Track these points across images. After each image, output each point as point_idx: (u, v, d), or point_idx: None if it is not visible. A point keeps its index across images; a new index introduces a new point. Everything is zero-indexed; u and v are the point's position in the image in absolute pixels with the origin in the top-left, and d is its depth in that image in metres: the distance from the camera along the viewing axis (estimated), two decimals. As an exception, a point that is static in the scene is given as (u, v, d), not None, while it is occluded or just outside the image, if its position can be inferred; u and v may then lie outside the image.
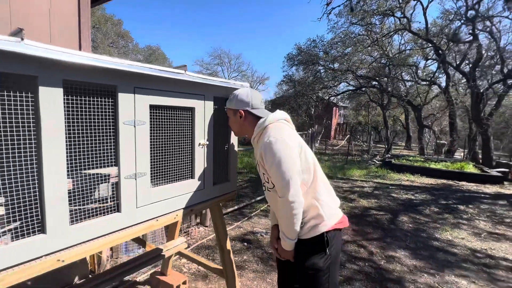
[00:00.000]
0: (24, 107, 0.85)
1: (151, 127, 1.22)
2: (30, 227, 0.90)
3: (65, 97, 0.93)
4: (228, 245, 1.85)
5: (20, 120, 0.85)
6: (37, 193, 0.90)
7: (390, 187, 6.86)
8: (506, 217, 4.91)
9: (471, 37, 11.10)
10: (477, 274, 2.92)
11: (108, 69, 0.99)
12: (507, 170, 8.78)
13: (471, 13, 11.21)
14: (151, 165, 1.23)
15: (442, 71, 13.32)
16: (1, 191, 0.85)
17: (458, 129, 16.42)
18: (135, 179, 1.17)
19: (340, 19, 15.92)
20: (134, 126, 1.14)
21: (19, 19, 1.76)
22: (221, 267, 1.94)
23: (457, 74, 14.14)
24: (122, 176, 1.12)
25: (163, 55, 31.34)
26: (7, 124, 0.83)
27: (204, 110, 1.48)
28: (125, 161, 1.13)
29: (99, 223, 1.05)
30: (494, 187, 7.45)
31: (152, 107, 1.21)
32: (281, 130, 1.35)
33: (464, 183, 7.79)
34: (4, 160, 0.85)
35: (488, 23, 11.44)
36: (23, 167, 0.88)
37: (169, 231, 2.37)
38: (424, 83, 15.51)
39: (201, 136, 1.48)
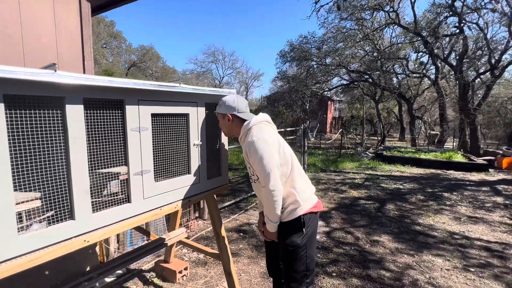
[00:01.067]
0: (55, 120, 1.10)
1: (153, 132, 1.46)
2: (62, 215, 1.15)
3: (85, 111, 1.17)
4: (223, 232, 2.10)
5: (52, 130, 1.10)
6: (67, 188, 1.14)
7: (380, 178, 7.17)
8: (486, 202, 5.23)
9: (457, 30, 11.37)
10: (452, 253, 3.22)
11: (118, 87, 1.24)
12: (493, 158, 9.14)
13: (457, 5, 11.49)
14: (154, 163, 1.48)
15: (432, 63, 13.63)
16: (38, 187, 1.09)
17: (451, 119, 16.81)
18: (142, 176, 1.42)
19: (330, 15, 16.14)
20: (139, 132, 1.39)
21: (30, 39, 1.98)
22: (217, 252, 2.20)
23: (447, 66, 14.47)
24: (131, 173, 1.37)
25: (157, 54, 31.29)
26: (43, 133, 1.07)
27: (197, 115, 1.73)
28: (133, 161, 1.37)
29: (115, 211, 1.30)
30: (480, 174, 7.80)
31: (153, 115, 1.45)
32: (262, 130, 1.60)
33: (451, 171, 8.14)
34: (39, 162, 1.09)
35: (475, 15, 11.74)
36: (55, 167, 1.12)
37: (170, 223, 2.62)
38: (415, 75, 15.82)
39: (195, 137, 1.73)
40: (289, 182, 1.60)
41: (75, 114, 1.13)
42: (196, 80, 36.63)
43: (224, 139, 1.97)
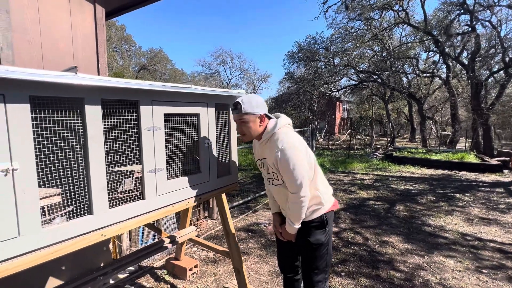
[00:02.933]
0: (75, 120, 1.16)
1: (165, 131, 1.52)
2: (81, 210, 1.21)
3: (102, 112, 1.23)
4: (233, 230, 2.14)
5: (72, 129, 1.16)
6: (86, 184, 1.20)
7: (390, 179, 7.09)
8: (500, 203, 5.11)
9: (469, 28, 11.15)
10: (464, 255, 3.17)
11: (133, 89, 1.29)
12: (507, 158, 8.90)
13: (469, 2, 11.27)
14: (166, 161, 1.54)
15: (443, 62, 13.39)
16: (59, 183, 1.16)
17: (464, 119, 16.44)
18: (155, 173, 1.47)
19: (339, 15, 16.06)
20: (153, 131, 1.44)
21: (48, 44, 2.08)
22: (227, 249, 2.24)
23: (458, 65, 14.18)
24: (145, 171, 1.42)
25: (166, 57, 31.72)
26: (64, 133, 1.13)
27: (207, 115, 1.77)
28: (147, 159, 1.43)
29: (130, 207, 1.36)
30: (494, 175, 7.61)
31: (166, 115, 1.51)
32: (288, 135, 1.54)
33: (464, 172, 7.97)
34: (60, 159, 1.15)
35: (488, 12, 11.50)
36: (75, 165, 1.18)
37: (181, 221, 2.68)
38: (426, 75, 15.57)
39: (205, 136, 1.78)
40: (313, 185, 1.60)
41: (93, 114, 1.19)
42: (204, 82, 36.94)
43: (234, 139, 2.02)
